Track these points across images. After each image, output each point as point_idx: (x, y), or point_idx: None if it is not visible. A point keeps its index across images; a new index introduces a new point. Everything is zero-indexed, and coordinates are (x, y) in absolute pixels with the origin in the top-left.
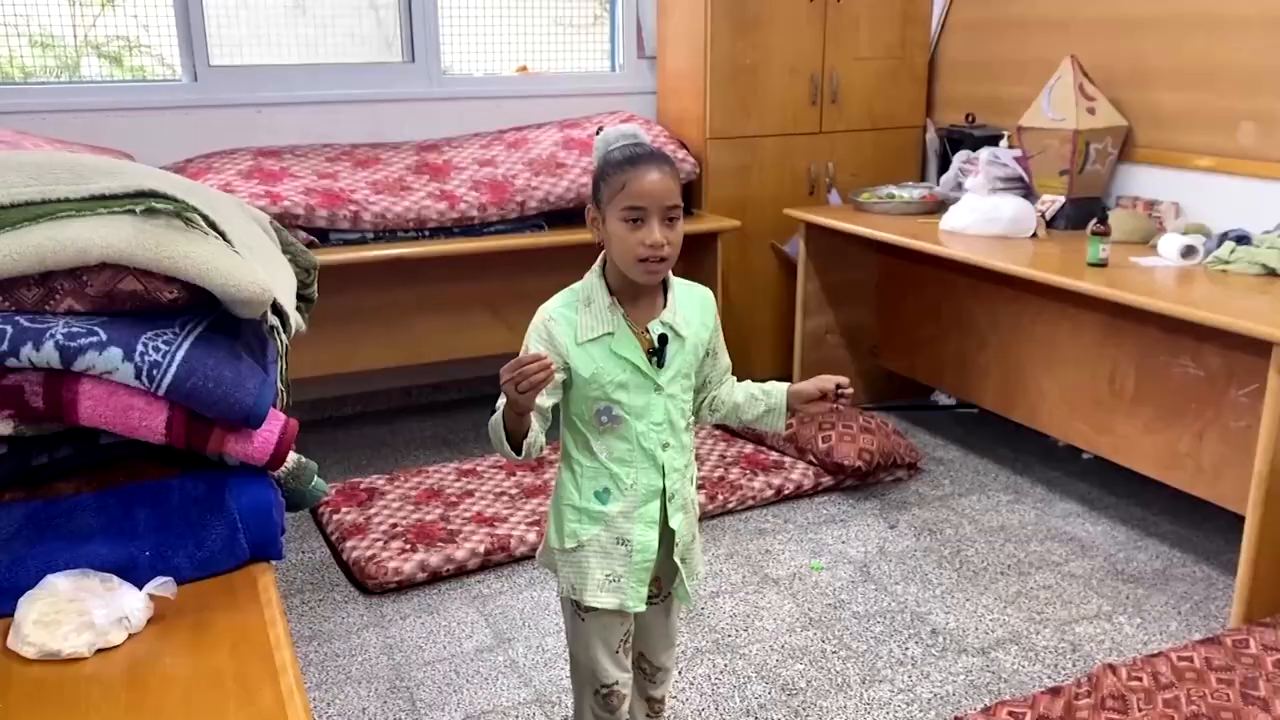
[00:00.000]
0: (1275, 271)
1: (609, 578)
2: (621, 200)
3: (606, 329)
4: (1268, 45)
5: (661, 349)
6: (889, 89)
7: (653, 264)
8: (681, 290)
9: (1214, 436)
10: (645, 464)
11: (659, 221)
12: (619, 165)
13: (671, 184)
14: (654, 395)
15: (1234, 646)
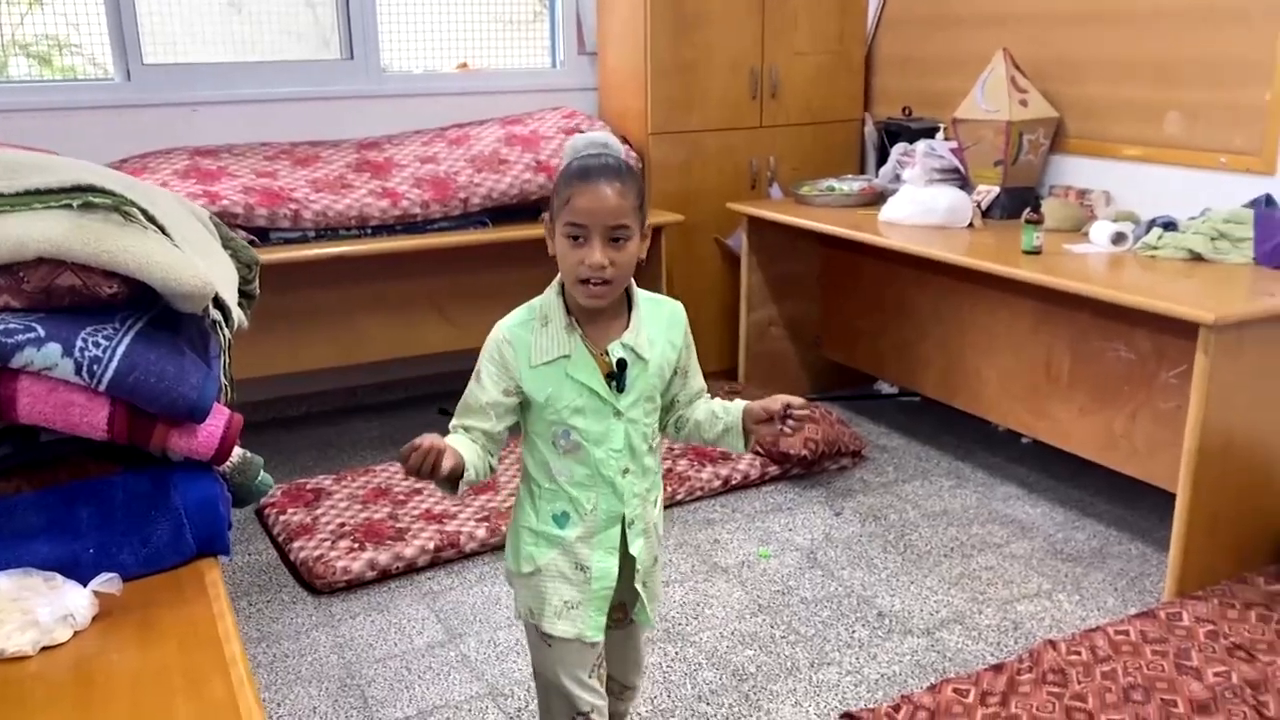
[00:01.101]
0: (1201, 256)
1: (567, 604)
2: (565, 215)
3: (562, 351)
4: (1190, 38)
5: (621, 373)
6: (827, 83)
7: (593, 287)
8: (648, 307)
9: (1146, 418)
10: (605, 489)
11: (601, 241)
12: (569, 178)
13: (621, 201)
14: (613, 421)
15: (1168, 620)
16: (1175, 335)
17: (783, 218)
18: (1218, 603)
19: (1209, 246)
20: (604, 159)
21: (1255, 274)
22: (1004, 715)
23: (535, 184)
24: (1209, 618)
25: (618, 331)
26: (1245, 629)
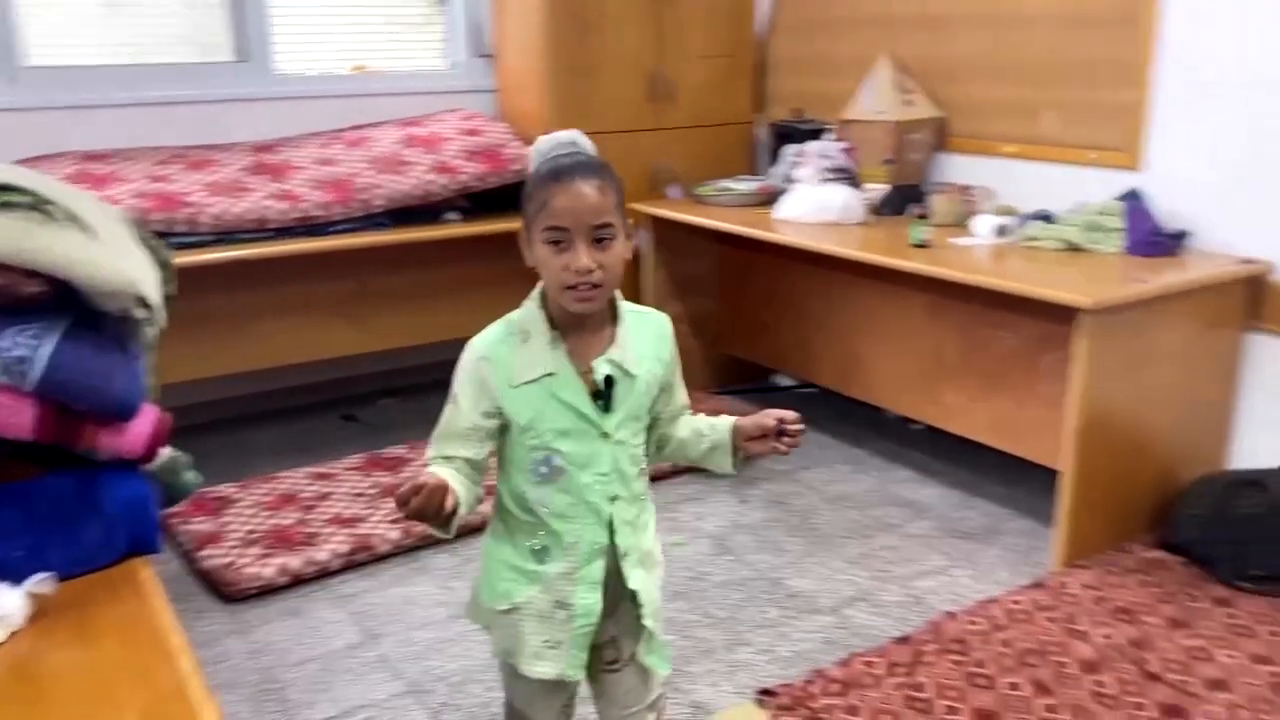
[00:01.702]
0: (1077, 246)
1: (547, 644)
2: (543, 220)
3: (546, 369)
4: (1063, 40)
5: (608, 392)
6: (721, 86)
7: (582, 291)
8: (634, 319)
9: (1031, 401)
10: (589, 519)
11: (585, 243)
12: (543, 180)
13: (602, 199)
14: (600, 443)
15: (1057, 588)
16: (1055, 321)
17: (684, 217)
18: (1101, 571)
19: (1084, 237)
20: (576, 157)
21: (1126, 262)
22: (911, 684)
23: (438, 185)
24: (1094, 585)
25: (601, 346)
26: (1127, 593)
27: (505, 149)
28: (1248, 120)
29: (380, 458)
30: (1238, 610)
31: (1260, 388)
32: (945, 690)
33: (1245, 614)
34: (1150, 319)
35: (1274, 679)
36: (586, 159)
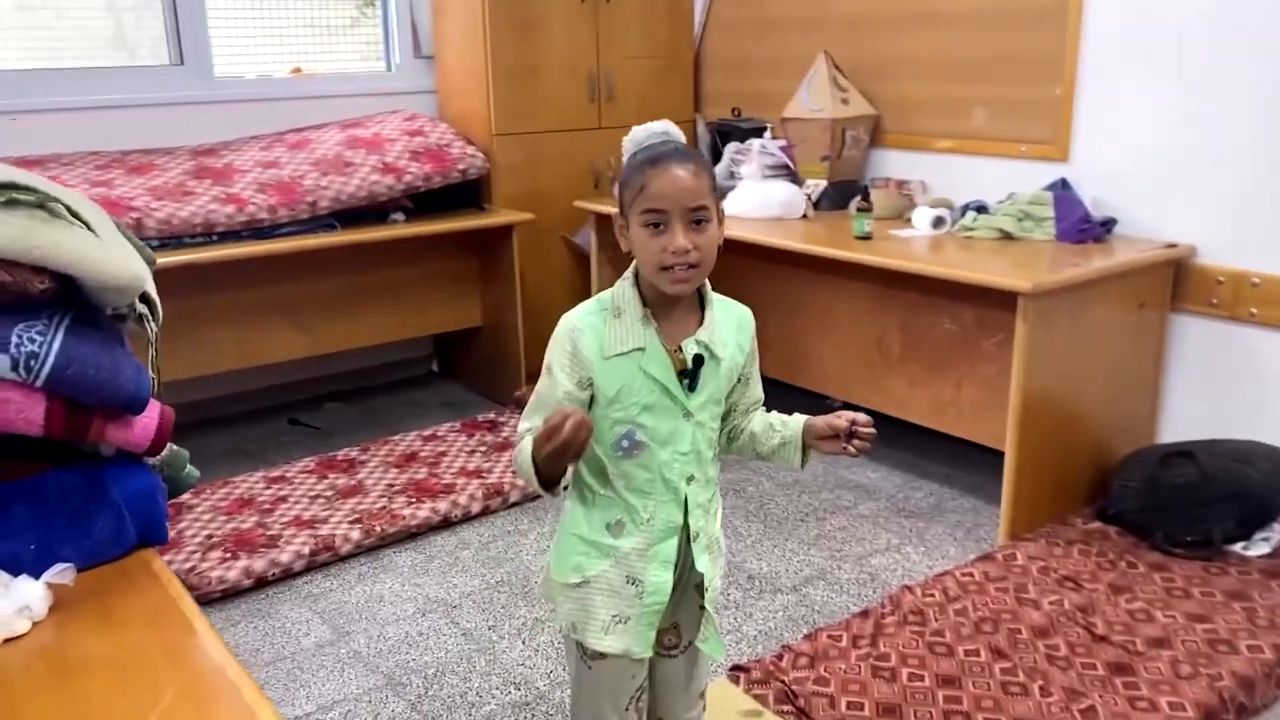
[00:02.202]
0: (1011, 235)
1: (615, 619)
2: (640, 203)
3: (637, 344)
4: (991, 39)
5: (695, 371)
6: (660, 86)
7: (679, 272)
8: (720, 308)
9: (971, 384)
10: (666, 497)
11: (682, 225)
12: (639, 166)
13: (698, 182)
14: (682, 421)
15: (1005, 560)
16: (993, 307)
17: None
18: (1045, 542)
19: (1017, 226)
20: (670, 144)
21: (1057, 249)
22: (875, 654)
23: (383, 185)
24: (1039, 556)
25: (691, 328)
26: (1070, 563)
27: (450, 149)
28: (1167, 111)
29: (334, 460)
30: (1173, 574)
31: (1184, 364)
32: (908, 659)
33: (1180, 578)
34: (1083, 302)
35: (1209, 635)
36: (680, 146)
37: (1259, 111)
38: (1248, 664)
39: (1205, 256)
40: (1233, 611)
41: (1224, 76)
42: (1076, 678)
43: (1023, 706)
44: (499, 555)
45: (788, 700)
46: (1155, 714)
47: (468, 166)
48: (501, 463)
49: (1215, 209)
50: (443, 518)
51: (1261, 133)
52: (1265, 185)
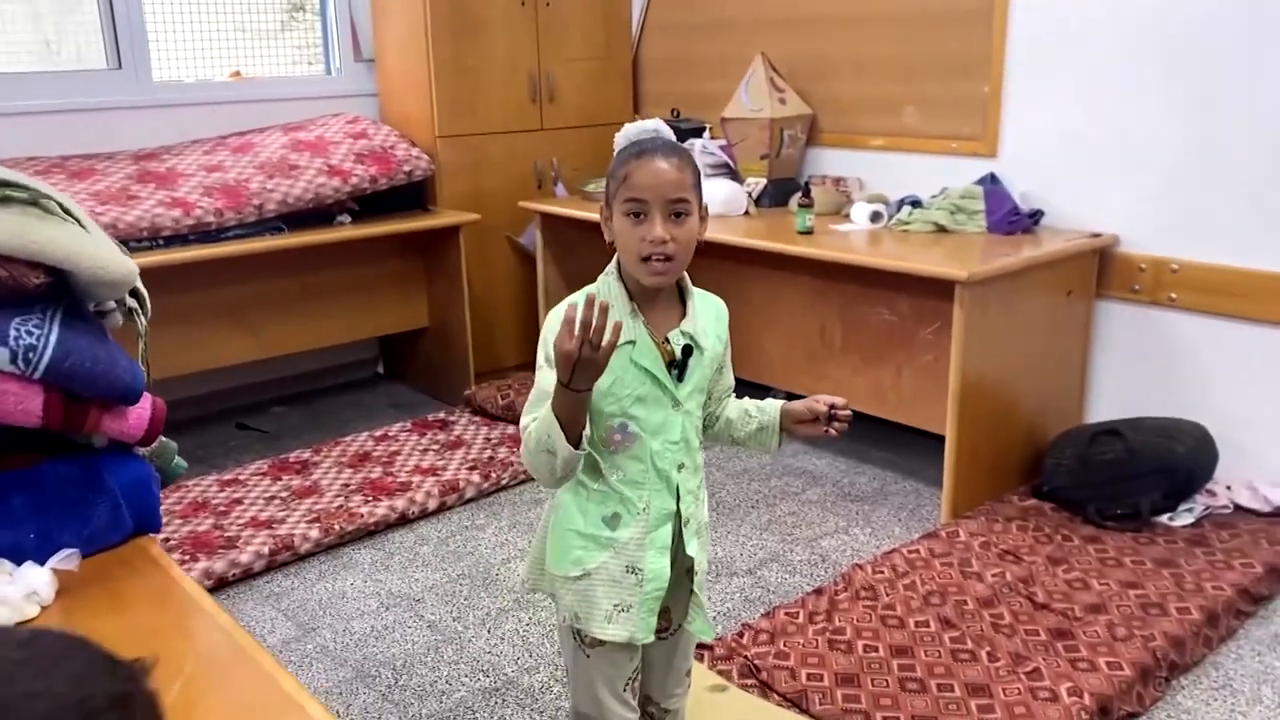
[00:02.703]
0: (944, 228)
1: (617, 608)
2: (623, 193)
3: (627, 337)
4: (921, 39)
5: (684, 361)
6: (599, 87)
7: (656, 263)
8: (699, 299)
9: (910, 371)
10: (659, 485)
11: (662, 215)
12: (625, 158)
13: (680, 175)
14: (672, 411)
15: (948, 537)
16: (930, 297)
17: (575, 213)
18: (985, 519)
19: (950, 219)
20: (659, 139)
21: (989, 240)
22: (831, 629)
23: (329, 188)
24: (980, 532)
25: (674, 320)
26: (1010, 538)
27: (394, 151)
28: (1090, 108)
29: (286, 462)
30: (1106, 545)
31: (1109, 348)
32: (862, 631)
33: (1112, 548)
34: (1015, 290)
35: (1141, 600)
36: (666, 141)
37: (1177, 106)
38: (1178, 625)
39: (1127, 245)
40: (1162, 578)
41: (1143, 74)
42: (1021, 643)
43: (972, 671)
44: (458, 550)
45: (751, 674)
46: (1095, 674)
47: (413, 168)
48: (455, 460)
49: (1136, 200)
50: (400, 515)
51: (1179, 127)
52: (1183, 177)
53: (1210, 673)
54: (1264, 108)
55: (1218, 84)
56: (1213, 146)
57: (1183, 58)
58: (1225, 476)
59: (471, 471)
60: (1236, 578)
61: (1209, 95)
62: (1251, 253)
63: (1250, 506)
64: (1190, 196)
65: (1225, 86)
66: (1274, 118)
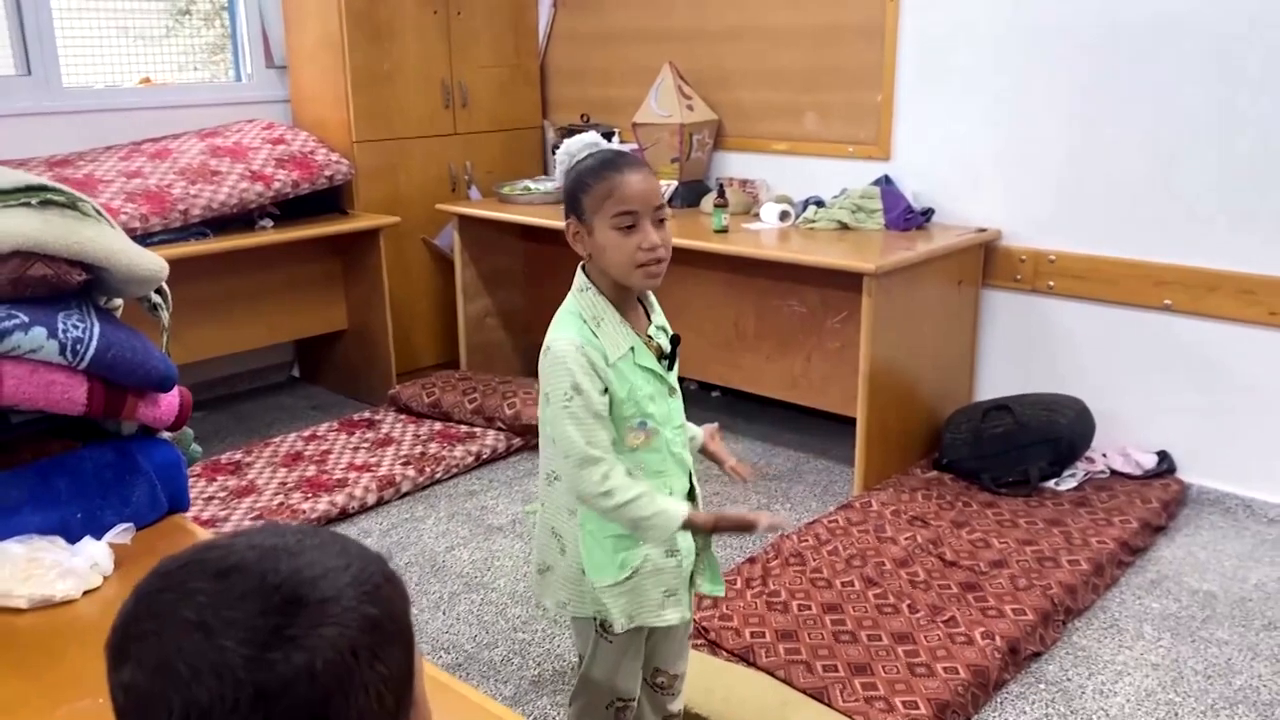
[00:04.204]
0: (847, 226)
1: (667, 594)
2: (611, 207)
3: (629, 344)
4: (820, 51)
5: (673, 352)
6: (509, 93)
7: (652, 267)
8: (650, 296)
9: (819, 358)
10: (676, 469)
11: (651, 223)
12: (598, 172)
13: (656, 185)
14: (671, 400)
15: (862, 507)
16: (837, 288)
17: (494, 215)
18: (894, 490)
19: (852, 218)
20: (614, 151)
21: (887, 236)
22: (767, 592)
23: (253, 192)
24: (890, 502)
25: (643, 320)
26: (917, 505)
27: (314, 156)
28: (974, 114)
29: (219, 463)
30: (1001, 509)
31: (995, 333)
32: (795, 593)
33: (1007, 511)
34: (913, 281)
35: (1037, 555)
36: (628, 155)
37: (1054, 112)
38: (1070, 574)
39: (1010, 239)
40: (1053, 535)
41: (1023, 83)
42: (936, 596)
43: (896, 622)
44: (402, 540)
45: (700, 635)
46: (1003, 619)
47: (334, 173)
48: (388, 456)
49: (1017, 198)
50: (341, 510)
51: (1055, 131)
52: (1059, 176)
53: (1099, 615)
54: (1132, 113)
55: (1091, 92)
56: (1085, 149)
57: (1059, 68)
58: (1102, 445)
59: (406, 466)
60: (1117, 533)
61: (1083, 102)
62: (1119, 244)
63: (1124, 471)
64: (1065, 194)
65: (1098, 94)
66: (1140, 122)
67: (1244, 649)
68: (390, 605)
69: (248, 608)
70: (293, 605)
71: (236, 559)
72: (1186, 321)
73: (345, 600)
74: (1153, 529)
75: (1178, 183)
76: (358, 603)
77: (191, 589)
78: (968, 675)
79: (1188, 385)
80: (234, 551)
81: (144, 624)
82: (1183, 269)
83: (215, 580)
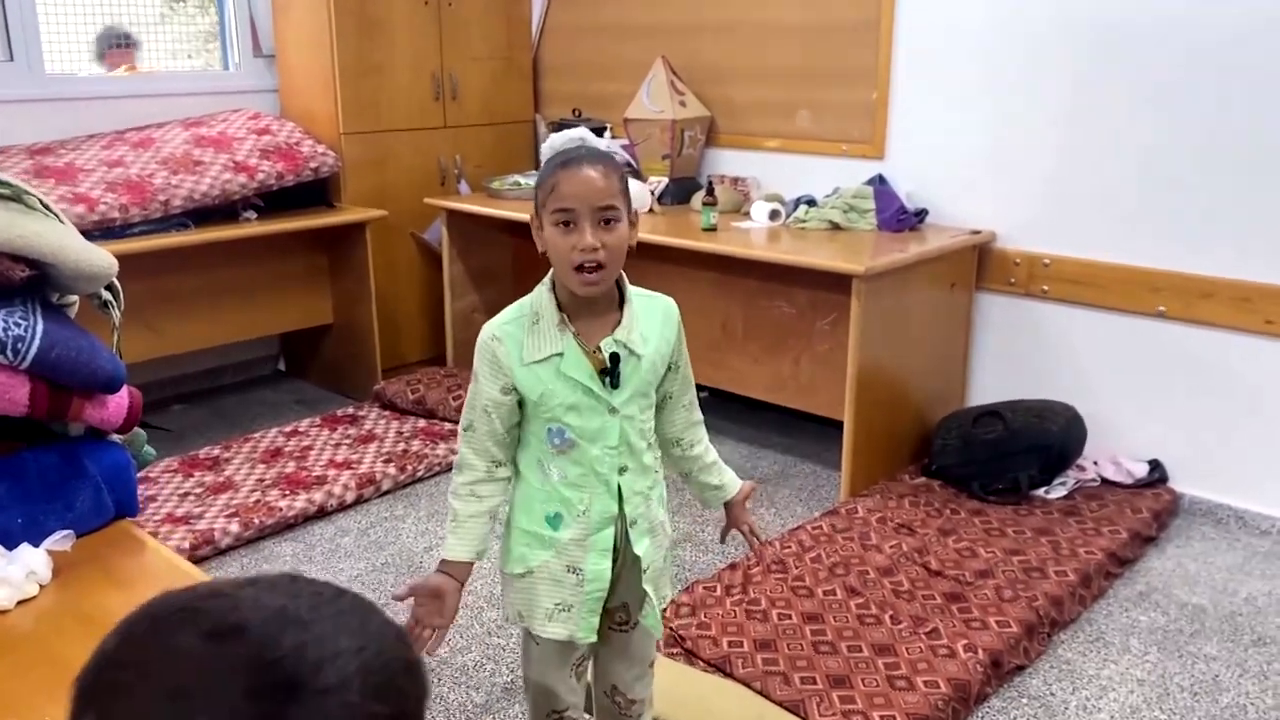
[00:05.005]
0: (839, 225)
1: (559, 607)
2: (551, 203)
3: (554, 349)
4: (813, 48)
5: (614, 369)
6: (501, 86)
7: (588, 273)
8: (641, 303)
9: (807, 360)
10: (599, 489)
11: (591, 223)
12: (552, 166)
13: (607, 183)
14: (608, 417)
15: (848, 514)
16: (826, 290)
17: (483, 210)
18: (880, 497)
19: (844, 218)
20: (585, 148)
21: (879, 237)
22: (747, 600)
23: (236, 184)
24: (876, 508)
25: (610, 328)
26: (904, 513)
27: (300, 147)
28: (969, 114)
29: (196, 459)
30: (989, 517)
31: (988, 336)
32: (775, 601)
33: (995, 520)
34: (904, 283)
35: (1024, 565)
36: (593, 149)
37: (1049, 113)
38: (1057, 586)
39: (1004, 241)
40: (1041, 545)
41: (1020, 83)
42: (920, 607)
43: (878, 633)
44: (380, 540)
45: (677, 644)
46: (987, 631)
47: (319, 165)
48: (369, 453)
49: (1012, 200)
50: (319, 508)
51: (1051, 133)
52: (1055, 178)
53: (1086, 628)
54: (1130, 116)
55: (1088, 94)
56: (1082, 151)
57: (1057, 68)
58: (1093, 453)
59: (387, 464)
60: (1106, 543)
61: (1081, 104)
62: (1115, 249)
63: (1115, 479)
64: (1061, 197)
65: (1095, 96)
66: (1138, 125)
67: (1232, 665)
68: (404, 702)
69: (236, 684)
70: (287, 690)
71: (237, 618)
72: (1180, 328)
73: (350, 693)
74: (1143, 540)
75: (1174, 187)
76: (363, 698)
77: (179, 646)
78: (948, 689)
79: (1181, 393)
80: (238, 607)
81: (119, 673)
82: (1177, 275)
83: (208, 641)
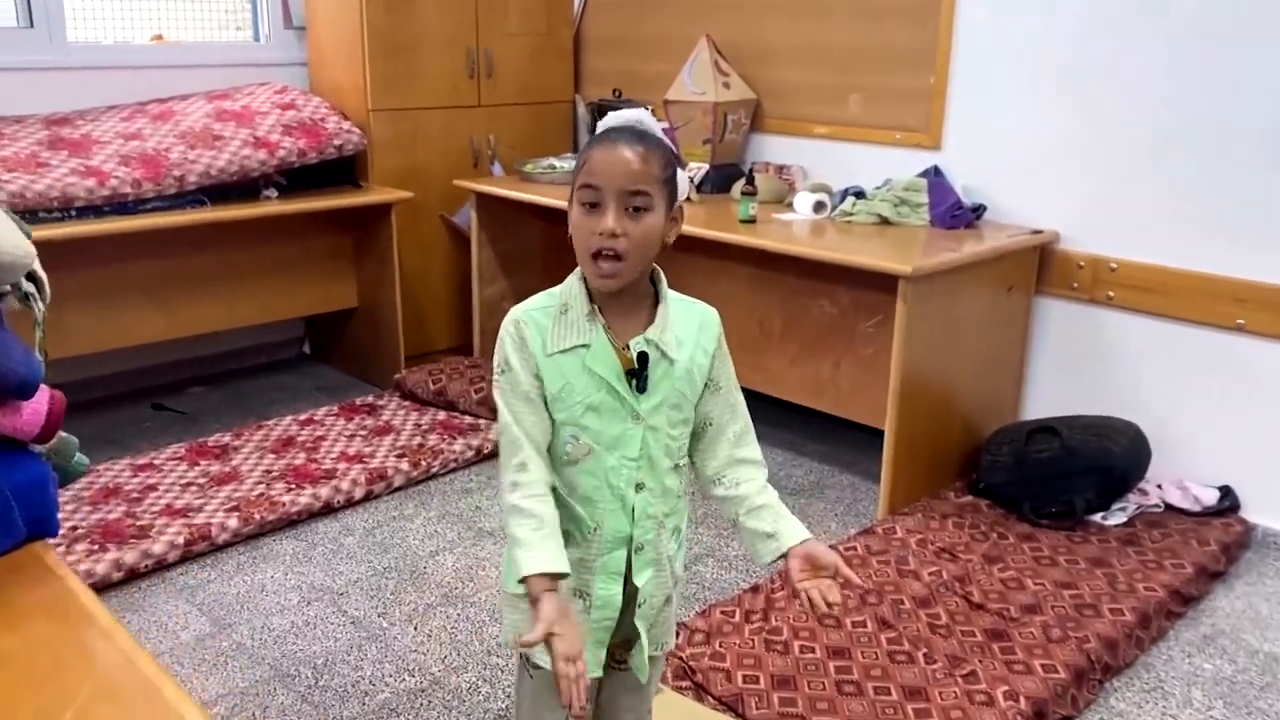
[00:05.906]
0: (888, 220)
1: None
2: (580, 179)
3: (581, 340)
4: (866, 29)
5: (642, 369)
6: (539, 64)
7: (604, 262)
8: (678, 306)
9: (849, 364)
10: (613, 505)
11: (617, 207)
12: (592, 143)
13: (644, 167)
14: (631, 424)
15: (885, 534)
16: (871, 289)
17: (514, 194)
18: (922, 516)
19: (894, 211)
20: (631, 127)
21: (932, 234)
22: (767, 628)
23: (255, 160)
24: (917, 529)
25: (642, 326)
26: (946, 535)
27: (325, 124)
28: (1034, 104)
29: (205, 446)
30: (1040, 544)
31: (1047, 344)
32: (799, 631)
33: (1047, 547)
34: (957, 285)
35: (1076, 600)
36: (638, 130)
37: (1122, 106)
38: (1111, 626)
39: (1068, 242)
40: (1095, 578)
41: (1091, 72)
42: (957, 644)
43: (909, 673)
44: (385, 541)
45: (685, 676)
46: (1030, 676)
47: (344, 142)
48: (383, 446)
49: (1077, 198)
50: (324, 504)
51: (1123, 127)
52: (1124, 176)
53: (1142, 674)
54: (1216, 111)
55: (1172, 83)
56: (1153, 149)
57: (1138, 54)
58: (1157, 476)
59: (400, 459)
60: (1168, 578)
61: (1162, 94)
62: (1186, 255)
63: (1181, 506)
64: (1130, 197)
65: (1181, 87)
66: (1211, 126)
67: None
68: None
69: None
70: None
71: None
72: (1262, 344)
73: None
74: (1209, 575)
75: (1261, 190)
76: None
77: None
78: None
79: (1258, 415)
80: None
81: None
82: (1261, 286)
83: None
